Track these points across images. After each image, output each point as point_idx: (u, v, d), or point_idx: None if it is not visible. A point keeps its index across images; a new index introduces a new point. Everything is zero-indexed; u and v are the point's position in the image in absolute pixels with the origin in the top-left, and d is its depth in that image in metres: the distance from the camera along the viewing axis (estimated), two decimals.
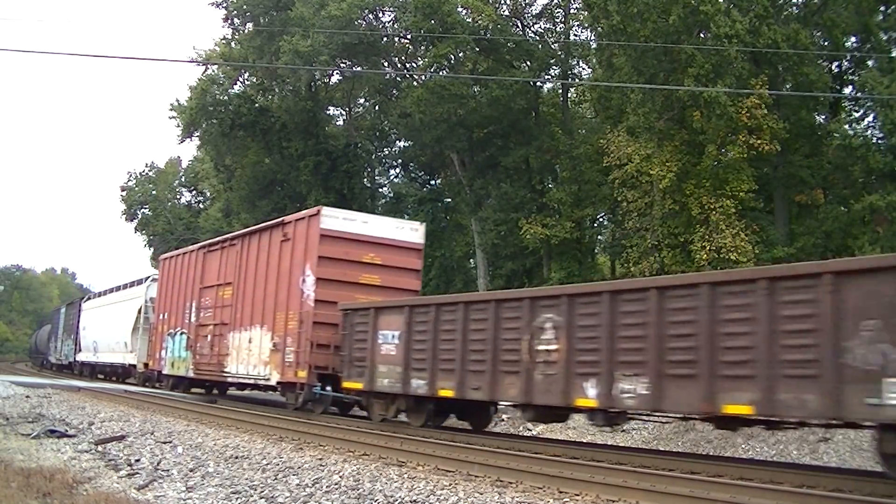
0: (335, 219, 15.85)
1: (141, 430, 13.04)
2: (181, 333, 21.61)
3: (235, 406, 18.42)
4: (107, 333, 30.87)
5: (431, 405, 13.13)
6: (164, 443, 11.72)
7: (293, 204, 36.39)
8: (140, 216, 57.61)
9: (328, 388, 15.05)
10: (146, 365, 24.95)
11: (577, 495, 7.65)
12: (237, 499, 7.93)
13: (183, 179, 60.06)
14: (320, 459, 9.93)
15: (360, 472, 8.89)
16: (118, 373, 30.95)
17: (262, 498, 7.88)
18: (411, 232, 16.71)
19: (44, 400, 18.21)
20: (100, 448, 11.36)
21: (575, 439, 14.10)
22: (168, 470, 9.47)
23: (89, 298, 37.51)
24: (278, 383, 16.46)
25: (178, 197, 60.22)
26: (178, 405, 18.06)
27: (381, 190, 41.33)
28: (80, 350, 35.81)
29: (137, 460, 10.25)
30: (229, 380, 19.39)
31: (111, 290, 34.18)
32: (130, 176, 58.98)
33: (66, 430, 13.14)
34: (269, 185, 37.20)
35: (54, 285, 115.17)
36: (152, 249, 57.99)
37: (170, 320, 22.65)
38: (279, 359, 16.07)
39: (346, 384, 14.26)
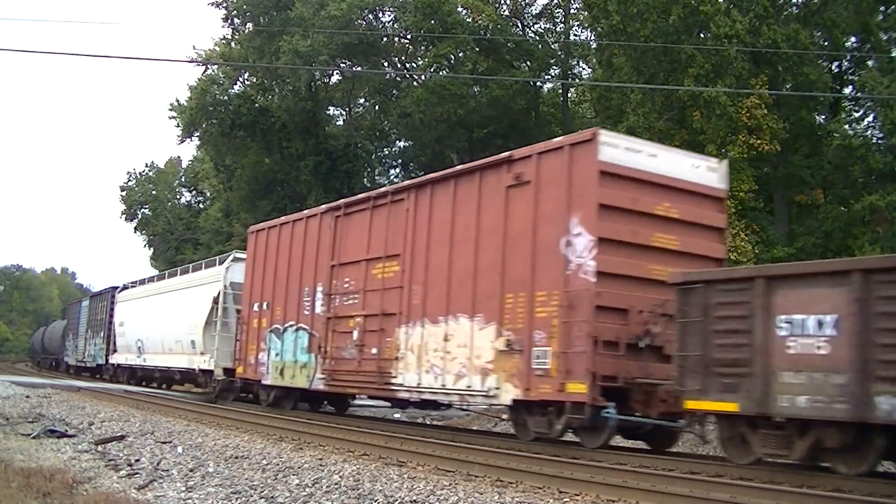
0: (616, 148, 10.59)
1: (141, 430, 13.05)
2: (297, 330, 16.12)
3: (235, 406, 18.41)
4: (161, 330, 24.50)
5: None
6: (164, 443, 11.72)
7: (293, 204, 36.40)
8: (140, 216, 57.61)
9: (611, 409, 9.87)
10: (229, 371, 19.24)
11: (577, 495, 7.66)
12: (237, 499, 7.93)
13: (183, 179, 60.05)
14: (320, 459, 9.93)
15: (360, 472, 8.89)
16: (175, 378, 25.54)
17: (262, 498, 7.88)
18: (709, 172, 11.40)
19: (44, 400, 18.22)
20: (100, 448, 11.36)
21: (575, 439, 14.06)
22: (168, 470, 9.47)
23: (125, 288, 31.33)
24: (516, 402, 10.98)
25: (178, 197, 60.23)
26: (178, 405, 18.08)
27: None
28: (114, 350, 30.04)
29: (137, 460, 10.25)
30: (400, 394, 13.36)
31: (159, 277, 29.23)
32: (130, 176, 59.02)
33: (66, 430, 13.15)
34: (269, 185, 37.19)
35: (54, 285, 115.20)
36: (152, 249, 58.02)
37: (272, 312, 17.12)
38: (518, 365, 10.77)
39: (694, 403, 8.93)
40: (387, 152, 41.40)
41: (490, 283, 11.41)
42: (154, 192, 58.58)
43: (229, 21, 33.95)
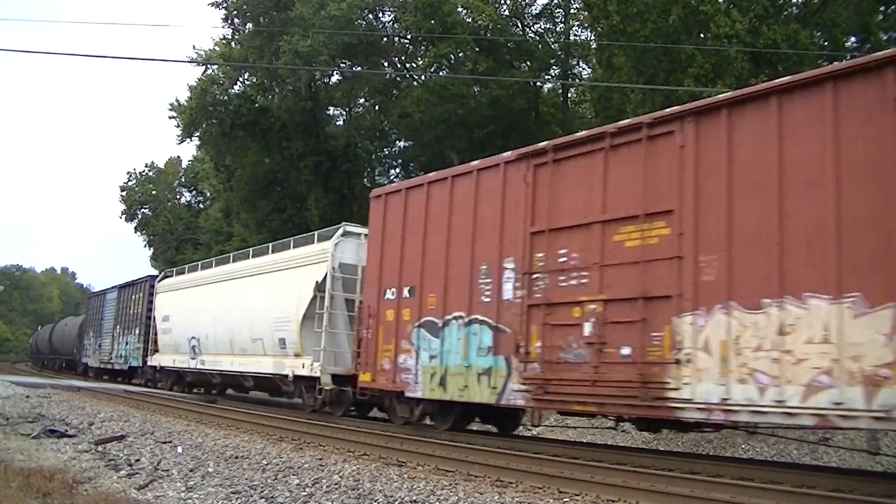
0: None
1: (141, 430, 13.05)
2: (468, 323, 11.89)
3: (235, 406, 18.41)
4: (230, 325, 19.69)
5: None
6: (164, 443, 11.72)
7: (293, 204, 36.43)
8: (140, 216, 57.65)
9: None
10: (340, 378, 15.26)
11: (577, 495, 7.66)
12: (237, 499, 7.93)
13: (183, 179, 60.08)
14: (320, 459, 9.93)
15: (360, 472, 8.89)
16: (246, 385, 20.19)
17: (262, 498, 7.88)
18: None
19: (44, 400, 18.22)
20: (100, 448, 11.36)
21: (575, 439, 14.10)
22: (168, 470, 9.47)
23: (166, 276, 26.22)
24: None
25: (178, 197, 60.26)
26: (178, 405, 18.06)
27: None
28: (155, 350, 25.13)
29: (137, 460, 10.25)
30: (686, 413, 8.95)
31: (220, 261, 22.72)
32: (130, 176, 59.07)
33: (66, 430, 13.15)
34: (269, 185, 37.20)
35: (54, 285, 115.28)
36: (152, 249, 58.05)
37: (421, 300, 12.87)
38: None
39: None
40: (387, 152, 41.39)
41: (875, 243, 7.62)
42: (154, 192, 58.63)
43: (229, 21, 33.97)
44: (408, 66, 34.20)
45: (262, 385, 19.62)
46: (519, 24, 31.94)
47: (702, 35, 21.42)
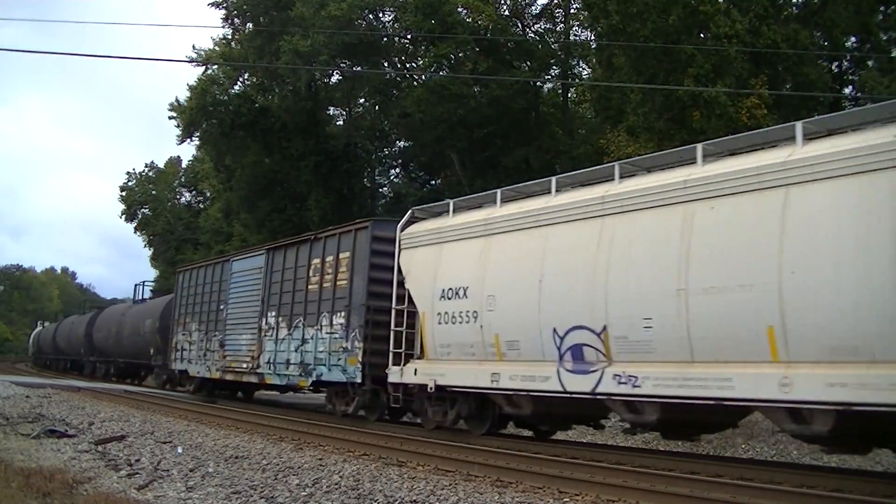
0: None
1: (141, 430, 13.05)
2: None
3: (235, 406, 18.39)
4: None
5: None
6: (164, 443, 11.72)
7: (293, 204, 36.41)
8: (140, 216, 57.66)
9: None
10: None
11: (577, 495, 7.66)
12: (237, 499, 7.92)
13: (183, 179, 60.10)
14: (320, 459, 9.93)
15: (360, 472, 8.89)
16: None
17: (262, 498, 7.88)
18: None
19: (44, 400, 18.23)
20: (100, 448, 11.36)
21: (575, 439, 14.09)
22: (168, 470, 9.47)
23: (438, 213, 13.52)
24: None
25: (178, 197, 60.28)
26: (177, 405, 18.06)
27: (381, 190, 41.32)
28: (418, 356, 12.65)
29: (137, 460, 10.25)
30: None
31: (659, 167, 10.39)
32: (130, 176, 59.08)
33: (66, 430, 13.15)
34: (269, 185, 37.19)
35: (54, 285, 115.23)
36: (152, 249, 58.08)
37: None
38: None
39: None
40: (387, 152, 41.41)
41: None
42: (154, 192, 58.63)
43: (229, 21, 33.96)
44: (408, 65, 34.20)
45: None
46: (519, 24, 31.95)
47: (702, 35, 21.42)
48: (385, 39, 32.69)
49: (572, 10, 31.72)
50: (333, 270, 15.40)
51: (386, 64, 34.38)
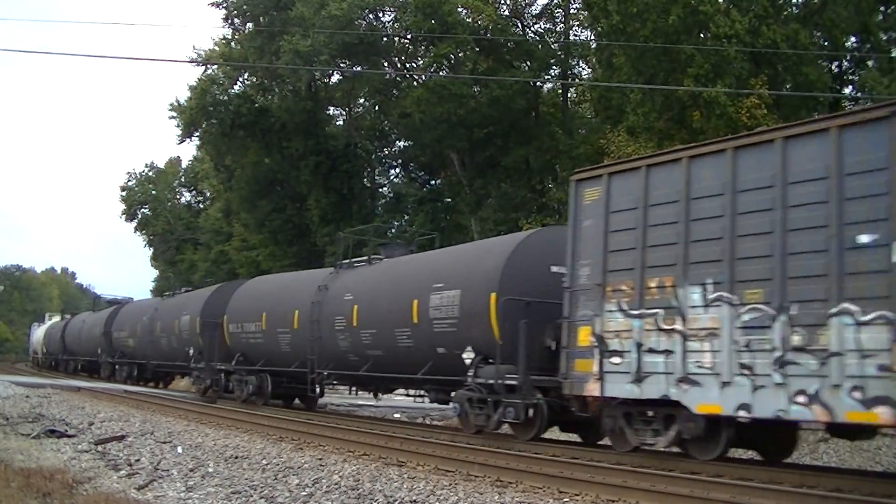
0: None
1: (141, 430, 13.04)
2: None
3: (235, 406, 18.37)
4: None
5: None
6: (164, 443, 11.72)
7: (293, 204, 36.42)
8: (140, 216, 57.66)
9: None
10: None
11: (577, 495, 7.66)
12: (237, 499, 7.93)
13: (183, 179, 60.11)
14: (320, 459, 9.92)
15: (360, 472, 8.89)
16: None
17: (262, 498, 7.88)
18: None
19: (44, 400, 18.22)
20: (100, 448, 11.37)
21: (575, 439, 14.08)
22: (168, 470, 9.47)
23: None
24: None
25: (178, 197, 60.28)
26: (178, 405, 18.06)
27: (381, 190, 41.36)
28: None
29: (137, 460, 10.25)
30: None
31: None
32: (130, 176, 59.07)
33: (66, 430, 13.15)
34: (269, 185, 37.20)
35: (54, 285, 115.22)
36: (152, 249, 58.08)
37: None
38: None
39: None
40: (387, 152, 41.42)
41: None
42: (154, 192, 58.63)
43: (229, 21, 33.96)
44: (408, 65, 34.20)
45: None
46: (519, 24, 31.94)
47: (702, 35, 21.40)
48: (385, 39, 32.69)
49: (572, 10, 31.74)
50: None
51: (386, 64, 34.38)
